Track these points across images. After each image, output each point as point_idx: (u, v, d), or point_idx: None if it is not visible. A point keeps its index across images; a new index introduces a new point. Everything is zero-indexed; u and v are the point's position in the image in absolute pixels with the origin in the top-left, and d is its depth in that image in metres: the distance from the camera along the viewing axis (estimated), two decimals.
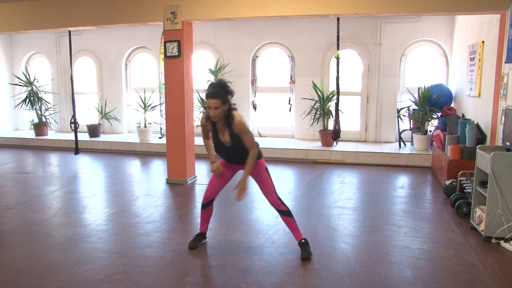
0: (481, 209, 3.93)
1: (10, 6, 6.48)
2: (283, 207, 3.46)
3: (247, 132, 3.24)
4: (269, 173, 3.46)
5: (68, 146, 8.66)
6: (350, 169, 6.75)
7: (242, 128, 3.22)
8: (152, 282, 3.08)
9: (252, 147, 3.26)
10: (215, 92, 3.13)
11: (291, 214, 3.50)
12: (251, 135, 3.27)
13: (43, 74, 9.85)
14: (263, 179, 3.43)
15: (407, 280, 3.10)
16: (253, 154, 3.27)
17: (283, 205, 3.46)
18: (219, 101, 3.13)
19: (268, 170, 3.47)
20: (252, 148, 3.26)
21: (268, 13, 5.39)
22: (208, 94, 3.16)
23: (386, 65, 7.85)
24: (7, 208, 4.83)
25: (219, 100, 3.13)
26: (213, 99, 3.13)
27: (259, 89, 8.72)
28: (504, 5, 4.73)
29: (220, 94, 3.13)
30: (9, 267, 3.31)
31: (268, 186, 3.43)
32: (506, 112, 4.18)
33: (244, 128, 3.23)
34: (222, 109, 3.17)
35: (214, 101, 3.13)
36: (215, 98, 3.13)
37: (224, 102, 3.16)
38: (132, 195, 5.37)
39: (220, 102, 3.13)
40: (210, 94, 3.14)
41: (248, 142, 3.25)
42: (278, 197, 3.46)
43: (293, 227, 3.51)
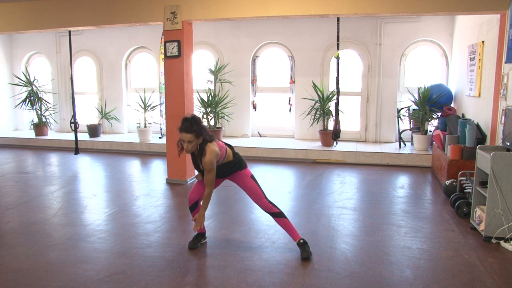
0: (481, 209, 3.93)
1: (10, 6, 6.48)
2: (275, 209, 3.51)
3: (209, 172, 3.32)
4: (255, 180, 3.53)
5: (68, 146, 8.66)
6: (350, 169, 6.75)
7: (206, 167, 3.30)
8: (152, 282, 3.08)
9: (208, 186, 3.36)
10: (189, 126, 3.22)
11: (284, 214, 3.54)
12: (211, 175, 3.33)
13: (43, 74, 9.86)
14: (250, 187, 3.49)
15: (407, 280, 3.10)
16: (207, 193, 3.37)
17: (274, 208, 3.51)
18: (193, 136, 3.23)
19: (254, 177, 3.54)
20: (207, 186, 3.36)
21: (268, 13, 5.39)
22: (181, 128, 3.24)
23: (386, 65, 7.85)
24: (7, 208, 4.83)
25: (193, 135, 3.22)
26: (186, 134, 3.23)
27: (259, 89, 8.72)
28: (504, 5, 4.73)
29: (194, 129, 3.22)
30: (9, 267, 3.31)
31: (256, 193, 3.50)
32: (506, 112, 4.18)
33: (208, 167, 3.30)
34: (195, 143, 3.27)
35: (187, 135, 3.23)
36: (188, 132, 3.22)
37: (197, 137, 3.25)
38: (132, 195, 5.37)
39: (193, 137, 3.23)
40: (183, 129, 3.23)
41: (206, 180, 3.35)
42: (269, 201, 3.51)
43: (289, 227, 3.53)
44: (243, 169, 3.51)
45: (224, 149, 3.42)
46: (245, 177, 3.50)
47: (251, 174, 3.54)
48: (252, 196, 3.52)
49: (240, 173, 3.50)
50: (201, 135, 3.26)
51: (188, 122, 3.23)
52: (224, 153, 3.41)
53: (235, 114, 8.58)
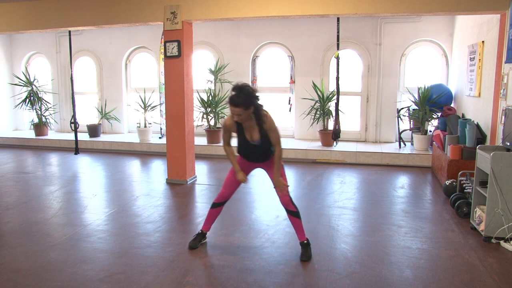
0: (481, 209, 3.93)
1: (10, 6, 6.48)
2: (293, 207, 3.46)
3: (276, 130, 3.28)
4: (284, 171, 3.47)
5: (68, 146, 8.66)
6: (350, 169, 6.75)
7: (272, 126, 3.25)
8: (152, 282, 3.08)
9: (278, 144, 3.31)
10: (236, 99, 3.10)
11: (299, 215, 3.50)
12: (278, 133, 3.30)
13: (43, 74, 9.85)
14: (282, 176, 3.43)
15: (407, 280, 3.10)
16: (279, 151, 3.33)
17: (293, 206, 3.46)
18: (241, 109, 3.11)
19: (283, 167, 3.48)
20: (278, 145, 3.31)
21: (268, 13, 5.39)
22: (229, 100, 3.12)
23: (386, 65, 7.85)
24: (7, 208, 4.83)
25: (241, 108, 3.11)
26: (234, 107, 3.11)
27: (259, 89, 8.70)
28: (504, 5, 4.73)
29: (241, 102, 3.09)
30: (9, 267, 3.31)
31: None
32: (506, 112, 4.18)
33: (274, 126, 3.26)
34: (246, 114, 3.16)
35: (236, 109, 3.11)
36: (236, 106, 3.10)
37: (246, 108, 3.13)
38: (132, 195, 5.37)
39: (242, 110, 3.12)
40: (231, 101, 3.11)
41: (275, 139, 3.29)
42: (290, 197, 3.47)
43: (299, 227, 3.51)
44: None
45: None
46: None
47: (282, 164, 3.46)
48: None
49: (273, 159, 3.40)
50: (250, 106, 3.13)
51: (235, 94, 3.10)
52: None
53: None
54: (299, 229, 3.51)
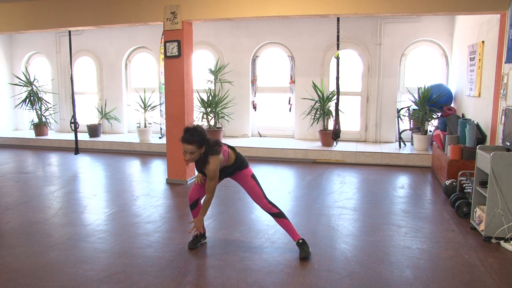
0: (481, 209, 3.93)
1: (10, 6, 6.48)
2: (274, 209, 3.51)
3: (211, 180, 3.32)
4: (256, 180, 3.53)
5: (68, 146, 8.66)
6: (350, 169, 6.75)
7: (209, 175, 3.30)
8: (152, 282, 3.08)
9: (209, 193, 3.35)
10: (190, 137, 3.20)
11: (284, 215, 3.54)
12: (213, 183, 3.33)
13: (43, 74, 9.85)
14: (250, 186, 3.49)
15: (407, 280, 3.10)
16: (208, 198, 3.38)
17: (274, 208, 3.51)
18: (194, 147, 3.21)
19: (254, 176, 3.54)
20: (208, 192, 3.36)
21: (268, 13, 5.39)
22: (183, 139, 3.22)
23: (386, 65, 7.85)
24: (7, 208, 4.83)
25: (194, 146, 3.21)
26: (188, 145, 3.21)
27: (259, 89, 8.72)
28: (504, 5, 4.73)
29: (195, 139, 3.20)
30: (9, 267, 3.31)
31: (256, 192, 3.49)
32: (506, 112, 4.18)
33: (211, 175, 3.30)
34: (197, 153, 3.27)
35: (189, 146, 3.21)
36: (190, 143, 3.20)
37: (199, 147, 3.23)
38: (132, 195, 5.37)
39: (195, 148, 3.22)
40: (185, 139, 3.21)
41: (208, 187, 3.34)
42: (269, 201, 3.51)
43: (289, 228, 3.53)
44: (244, 168, 3.51)
45: (227, 153, 3.41)
46: (245, 176, 3.50)
47: (251, 174, 3.54)
48: (252, 195, 3.52)
49: (241, 172, 3.50)
50: (203, 145, 3.25)
51: (189, 133, 3.21)
52: (227, 157, 3.40)
53: (235, 114, 8.58)
54: (290, 229, 3.53)
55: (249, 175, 3.52)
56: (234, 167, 3.48)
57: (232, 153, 3.48)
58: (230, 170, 3.49)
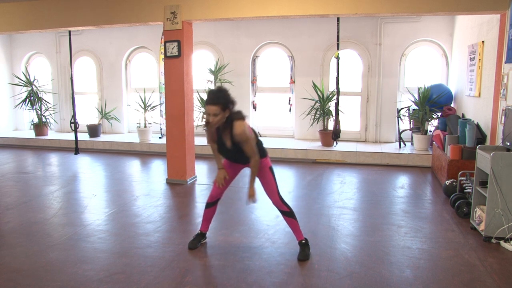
0: (481, 209, 3.93)
1: (10, 6, 6.48)
2: (285, 208, 3.45)
3: (247, 141, 3.14)
4: (273, 173, 3.42)
5: (68, 146, 8.66)
6: (350, 169, 6.75)
7: (242, 138, 3.12)
8: (152, 282, 3.08)
9: (253, 155, 3.19)
10: (215, 98, 3.04)
11: (294, 215, 3.49)
12: (251, 144, 3.17)
13: (43, 74, 9.85)
14: (267, 178, 3.39)
15: (407, 280, 3.10)
16: (254, 163, 3.22)
17: (285, 206, 3.45)
18: (219, 108, 3.04)
19: (272, 169, 3.43)
20: (253, 156, 3.19)
21: (268, 13, 5.39)
22: (207, 101, 3.07)
23: (386, 65, 7.85)
24: (7, 208, 4.83)
25: (218, 107, 3.04)
26: (212, 106, 3.04)
27: (259, 89, 8.72)
28: (504, 5, 4.73)
29: (220, 101, 3.04)
30: (9, 267, 3.31)
31: (271, 186, 3.41)
32: (506, 112, 4.18)
33: (244, 138, 3.12)
34: (221, 116, 3.08)
35: (213, 107, 3.04)
36: (214, 104, 3.03)
37: (224, 109, 3.06)
38: (132, 195, 5.37)
39: (219, 109, 3.04)
40: (209, 100, 3.05)
41: (248, 151, 3.18)
42: (281, 198, 3.45)
43: (295, 227, 3.51)
44: (263, 157, 3.36)
45: (251, 130, 3.25)
46: (264, 167, 3.35)
47: (270, 165, 3.40)
48: (266, 188, 3.40)
49: (260, 160, 3.32)
50: (227, 108, 3.07)
51: (213, 94, 3.05)
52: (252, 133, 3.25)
53: None
54: (296, 229, 3.51)
55: (267, 166, 3.38)
56: None
57: (254, 134, 3.32)
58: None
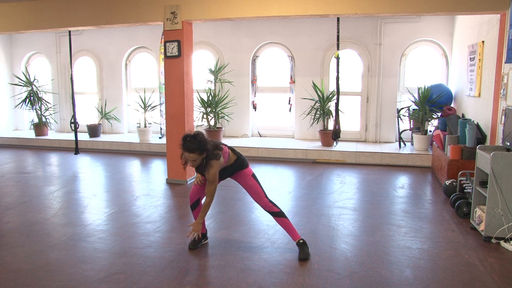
0: (481, 209, 3.93)
1: (10, 6, 6.48)
2: (275, 209, 3.51)
3: (212, 183, 3.32)
4: (256, 179, 3.53)
5: (68, 146, 8.66)
6: (350, 169, 6.75)
7: (210, 178, 3.31)
8: (152, 282, 3.08)
9: (209, 196, 3.35)
10: (191, 147, 3.19)
11: (284, 214, 3.55)
12: (214, 186, 3.33)
13: (43, 74, 9.85)
14: (251, 185, 3.50)
15: (407, 280, 3.10)
16: (207, 202, 3.37)
17: (275, 207, 3.51)
18: (196, 155, 3.22)
19: (255, 176, 3.54)
20: (208, 196, 3.35)
21: (268, 13, 5.39)
22: (183, 148, 3.22)
23: (386, 65, 7.85)
24: (7, 208, 4.83)
25: (196, 154, 3.21)
26: (189, 153, 3.21)
27: (259, 89, 8.72)
28: (504, 5, 4.73)
29: (196, 149, 3.20)
30: (9, 267, 3.31)
31: (257, 192, 3.50)
32: (506, 112, 4.18)
33: (210, 180, 3.31)
34: (199, 159, 3.27)
35: (191, 155, 3.21)
36: (192, 152, 3.20)
37: (201, 154, 3.23)
38: (132, 195, 5.37)
39: (196, 155, 3.22)
40: (186, 149, 3.21)
41: (207, 191, 3.35)
42: (269, 200, 3.52)
43: (289, 227, 3.53)
44: (244, 168, 3.52)
45: (227, 154, 3.41)
46: (246, 176, 3.51)
47: (252, 173, 3.54)
48: (252, 194, 3.52)
49: (242, 172, 3.51)
50: (204, 151, 3.24)
51: (189, 142, 3.20)
52: (227, 158, 3.41)
53: (235, 114, 8.58)
54: (290, 229, 3.53)
55: (250, 174, 3.52)
56: (235, 167, 3.49)
57: (232, 154, 3.48)
58: (231, 171, 3.50)
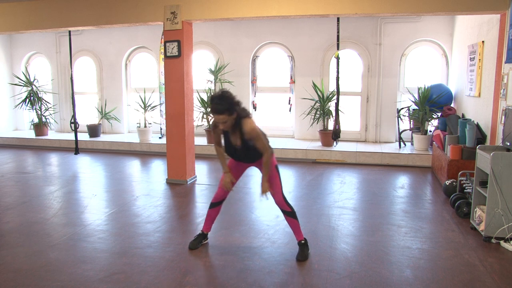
0: (481, 209, 3.93)
1: (10, 6, 6.48)
2: (287, 208, 3.45)
3: (259, 138, 3.17)
4: (278, 172, 3.43)
5: (68, 146, 8.66)
6: (350, 169, 6.75)
7: (252, 135, 3.16)
8: (152, 282, 3.08)
9: (265, 150, 3.22)
10: (219, 107, 3.06)
11: (295, 215, 3.49)
12: (263, 139, 3.20)
13: (43, 74, 9.85)
14: (272, 177, 3.39)
15: (407, 280, 3.10)
16: (267, 158, 3.24)
17: (288, 206, 3.45)
18: (225, 116, 3.08)
19: (278, 168, 3.44)
20: (265, 151, 3.22)
21: (268, 13, 5.39)
22: (212, 110, 3.09)
23: (386, 65, 7.85)
24: (7, 208, 4.83)
25: (225, 115, 3.08)
26: (218, 115, 3.08)
27: (259, 89, 8.72)
28: (504, 5, 4.73)
29: (225, 108, 3.06)
30: (9, 267, 3.31)
31: (275, 185, 3.40)
32: (506, 112, 4.18)
33: (254, 134, 3.16)
34: (230, 120, 3.12)
35: (220, 116, 3.07)
36: (221, 113, 3.07)
37: (230, 114, 3.09)
38: (132, 195, 5.37)
39: (226, 116, 3.08)
40: (215, 110, 3.07)
41: (261, 147, 3.21)
42: (284, 197, 3.45)
43: (296, 228, 3.51)
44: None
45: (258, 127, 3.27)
46: (271, 165, 3.35)
47: (276, 164, 3.42)
48: (270, 186, 3.40)
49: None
50: (234, 111, 3.10)
51: (216, 102, 3.05)
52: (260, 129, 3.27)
53: None
54: (296, 230, 3.51)
55: (274, 164, 3.39)
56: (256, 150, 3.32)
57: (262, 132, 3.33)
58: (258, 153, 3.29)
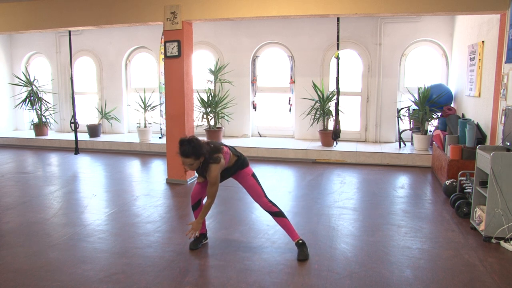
0: (481, 209, 3.93)
1: (10, 6, 6.48)
2: (274, 208, 3.51)
3: (213, 185, 3.32)
4: (256, 178, 3.54)
5: (68, 146, 8.66)
6: (350, 169, 6.75)
7: (211, 181, 3.31)
8: (152, 282, 3.08)
9: (211, 197, 3.36)
10: (186, 152, 3.21)
11: (283, 214, 3.55)
12: (216, 188, 3.34)
13: (43, 74, 9.86)
14: (251, 185, 3.50)
15: (407, 280, 3.10)
16: (209, 203, 3.38)
17: (274, 207, 3.51)
18: (192, 159, 3.23)
19: (255, 175, 3.55)
20: (209, 197, 3.36)
21: (268, 13, 5.39)
22: (180, 153, 3.24)
23: (386, 65, 7.85)
24: (7, 208, 4.83)
25: (191, 159, 3.22)
26: (185, 158, 3.23)
27: (259, 89, 8.72)
28: (504, 5, 4.73)
29: (191, 154, 3.21)
30: (9, 267, 3.31)
31: (256, 191, 3.50)
32: (506, 112, 4.18)
33: (212, 182, 3.31)
34: (197, 163, 3.27)
35: (187, 160, 3.23)
36: (187, 157, 3.22)
37: (197, 158, 3.23)
38: (132, 195, 5.37)
39: (192, 160, 3.23)
40: (182, 154, 3.22)
41: (209, 192, 3.35)
42: (269, 200, 3.52)
43: (288, 227, 3.53)
44: (244, 167, 3.53)
45: (228, 155, 3.42)
46: (246, 175, 3.52)
47: (252, 173, 3.55)
48: (252, 194, 3.52)
49: (242, 171, 3.52)
50: (200, 156, 3.24)
51: (185, 146, 3.21)
52: (228, 159, 3.42)
53: (235, 114, 8.58)
54: (290, 229, 3.53)
55: (250, 174, 3.53)
56: (236, 167, 3.50)
57: (233, 155, 3.49)
58: (232, 171, 3.51)
